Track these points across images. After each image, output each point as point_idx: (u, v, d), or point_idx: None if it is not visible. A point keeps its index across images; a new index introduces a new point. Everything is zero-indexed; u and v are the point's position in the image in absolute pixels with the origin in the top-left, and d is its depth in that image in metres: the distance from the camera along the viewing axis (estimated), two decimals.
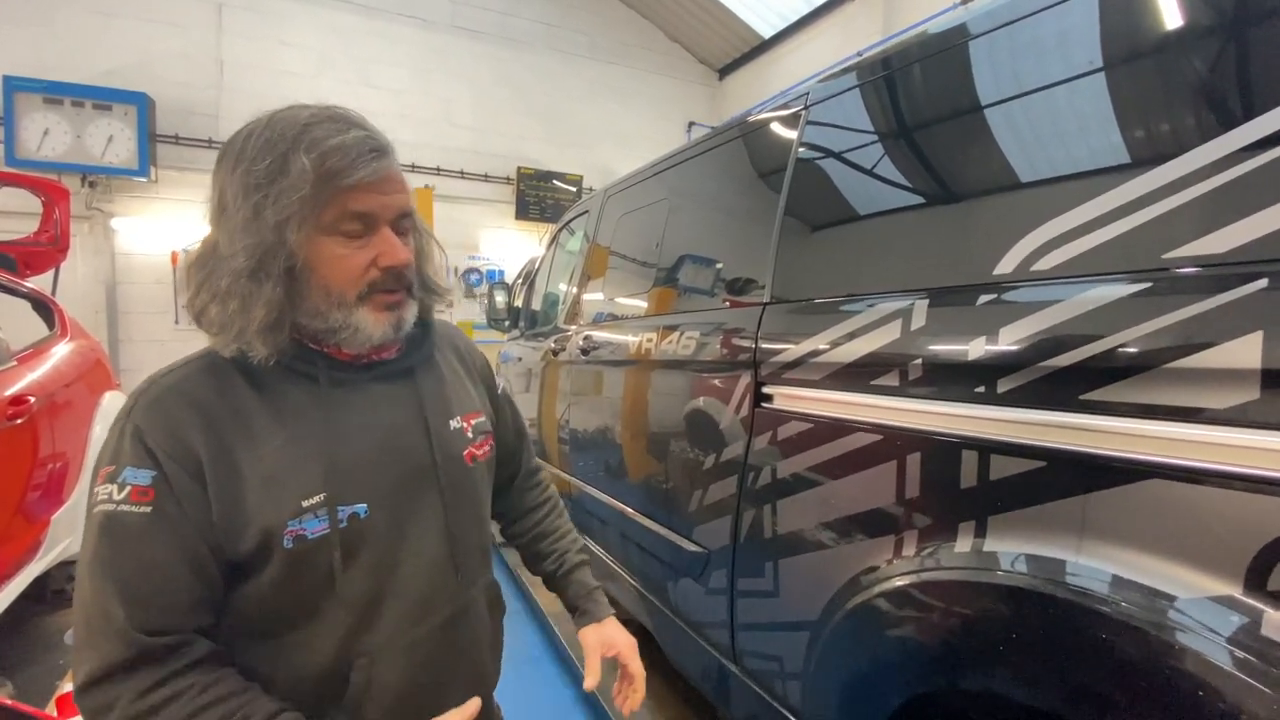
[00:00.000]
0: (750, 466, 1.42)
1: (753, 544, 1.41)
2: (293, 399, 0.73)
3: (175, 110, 4.70)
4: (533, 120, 6.01)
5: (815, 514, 1.23)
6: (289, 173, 0.65)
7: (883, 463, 1.09)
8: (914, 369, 1.04)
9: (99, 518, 0.63)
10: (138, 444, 0.65)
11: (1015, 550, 0.89)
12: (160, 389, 0.70)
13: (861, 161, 1.29)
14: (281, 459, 0.70)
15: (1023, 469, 0.88)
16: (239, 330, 0.68)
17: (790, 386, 1.31)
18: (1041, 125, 0.98)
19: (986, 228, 1.02)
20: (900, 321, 1.07)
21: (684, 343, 1.71)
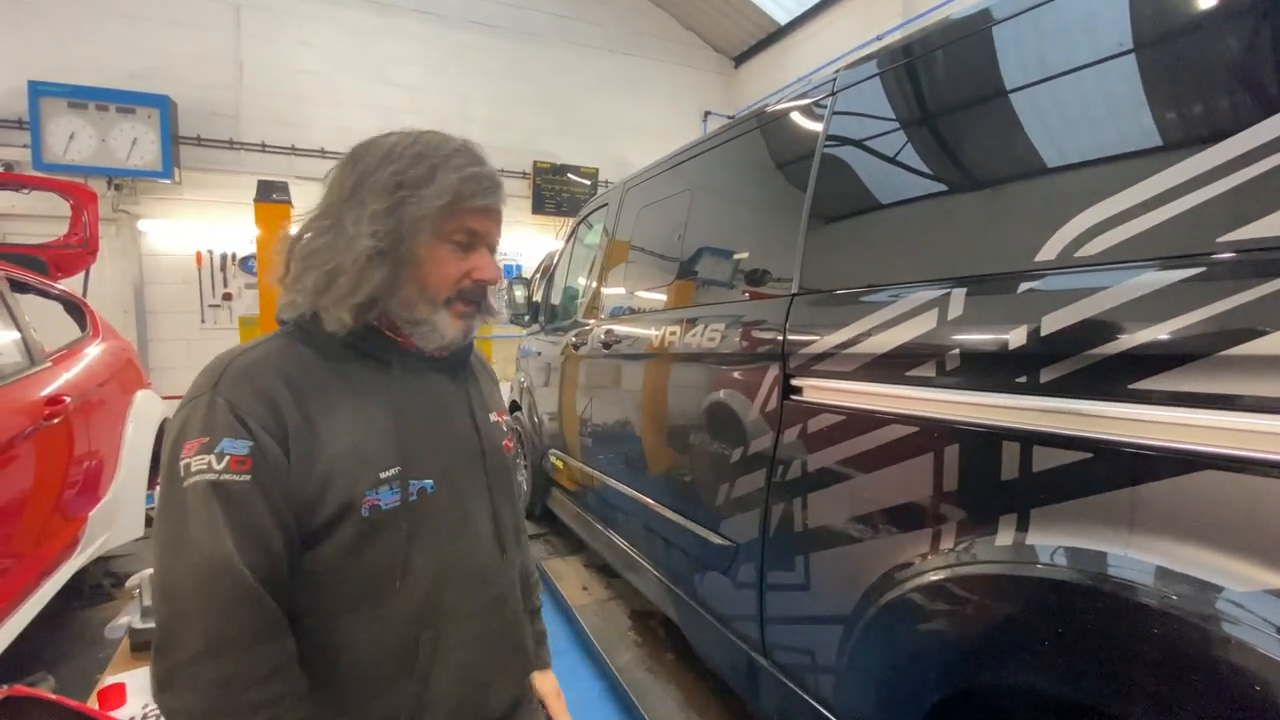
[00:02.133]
0: (779, 460, 1.40)
1: (782, 537, 1.40)
2: (367, 379, 0.79)
3: (197, 112, 4.77)
4: (548, 114, 6.00)
5: (848, 507, 1.22)
6: (435, 182, 0.76)
7: (918, 455, 1.07)
8: (951, 359, 1.02)
9: (203, 486, 0.66)
10: (230, 415, 0.69)
11: (1060, 544, 0.87)
12: (245, 363, 0.73)
13: (892, 147, 1.26)
14: (359, 433, 0.76)
15: (1068, 460, 0.86)
16: (339, 298, 0.74)
17: (820, 379, 1.29)
18: (1085, 106, 0.95)
19: (1027, 213, 0.99)
20: (936, 311, 1.05)
21: (709, 335, 1.70)
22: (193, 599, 0.64)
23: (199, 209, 4.81)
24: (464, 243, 0.81)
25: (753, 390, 1.49)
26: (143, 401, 2.92)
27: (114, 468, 2.59)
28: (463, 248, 0.81)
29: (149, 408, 2.94)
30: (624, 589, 2.66)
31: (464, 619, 0.82)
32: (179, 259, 4.80)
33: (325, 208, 0.79)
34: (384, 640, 0.76)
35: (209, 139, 4.80)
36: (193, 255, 4.82)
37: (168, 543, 0.66)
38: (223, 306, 4.91)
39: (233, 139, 4.85)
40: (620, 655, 2.19)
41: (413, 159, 0.76)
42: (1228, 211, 0.75)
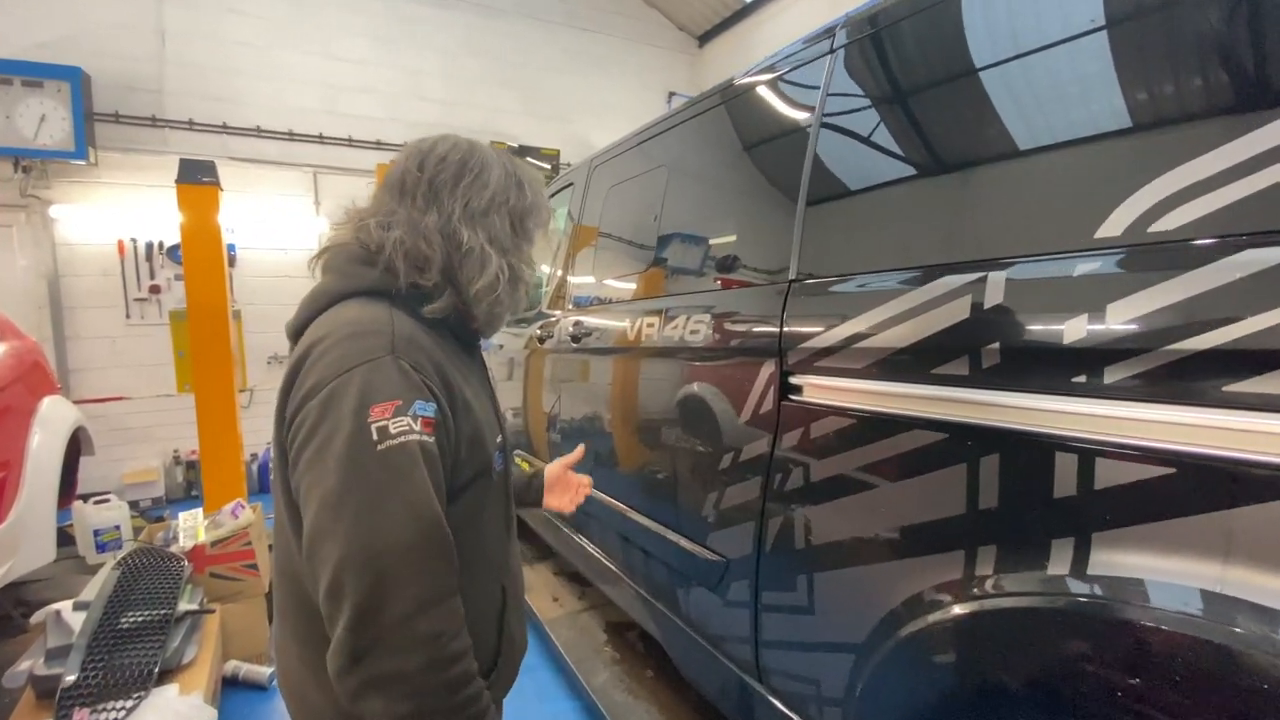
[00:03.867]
0: (776, 467, 1.24)
1: (781, 554, 1.24)
2: (463, 357, 0.88)
3: (114, 86, 4.31)
4: (507, 92, 5.69)
5: (859, 523, 1.07)
6: (539, 214, 0.92)
7: (947, 466, 0.92)
8: (989, 355, 0.87)
9: (413, 447, 0.68)
10: (417, 378, 0.72)
11: (1131, 575, 0.73)
12: (406, 331, 0.76)
13: (909, 107, 1.10)
14: (480, 402, 0.85)
15: (1141, 477, 0.72)
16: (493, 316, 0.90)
17: (824, 376, 1.13)
18: (1167, 43, 0.80)
19: (1084, 180, 0.84)
20: (970, 298, 0.90)
21: (691, 328, 1.53)
22: (405, 558, 0.65)
23: (119, 193, 4.36)
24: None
25: (744, 390, 1.32)
26: (51, 409, 2.59)
27: (16, 485, 2.28)
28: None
29: (58, 415, 2.61)
30: (598, 598, 2.49)
31: (516, 571, 0.96)
32: (98, 249, 4.35)
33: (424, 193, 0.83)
34: (485, 591, 0.84)
35: (129, 116, 4.35)
36: (114, 244, 4.37)
37: (366, 508, 0.65)
38: (150, 300, 4.48)
39: (155, 116, 4.40)
40: (596, 673, 2.02)
41: (518, 186, 0.89)
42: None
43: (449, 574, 0.69)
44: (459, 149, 0.86)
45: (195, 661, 1.84)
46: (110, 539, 2.91)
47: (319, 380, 0.70)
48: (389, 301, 0.80)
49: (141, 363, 4.51)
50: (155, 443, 4.59)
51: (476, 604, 0.78)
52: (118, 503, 2.99)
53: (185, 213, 3.02)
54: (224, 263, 3.14)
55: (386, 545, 0.64)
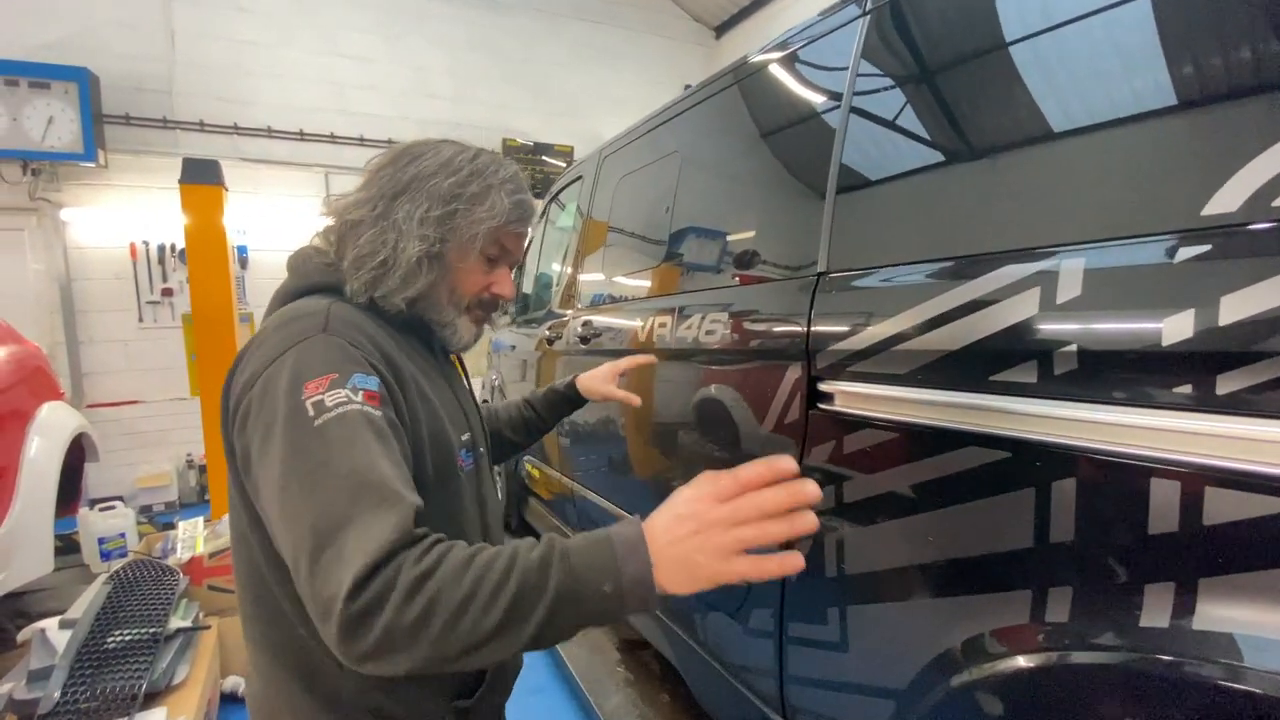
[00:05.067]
0: None
1: (809, 582, 1.11)
2: (420, 353, 0.86)
3: (123, 88, 4.28)
4: (516, 88, 5.59)
5: (903, 552, 0.93)
6: (486, 203, 0.81)
7: (1011, 490, 0.78)
8: (1063, 358, 0.72)
9: (352, 415, 0.63)
10: (352, 352, 0.69)
11: (1255, 633, 0.58)
12: (343, 314, 0.74)
13: (961, 69, 0.96)
14: (437, 396, 0.82)
15: (1268, 511, 0.57)
16: (388, 291, 0.78)
17: (859, 383, 0.99)
18: None
19: (1187, 144, 0.69)
20: (1038, 290, 0.75)
21: (707, 328, 1.39)
22: (353, 516, 0.58)
23: (130, 195, 4.34)
24: (493, 257, 0.86)
25: (766, 396, 1.19)
26: (50, 415, 2.53)
27: (11, 494, 2.22)
28: (490, 262, 0.86)
29: (59, 422, 2.55)
30: None
31: None
32: (110, 252, 4.34)
33: (372, 196, 0.81)
34: None
35: (139, 118, 4.32)
36: (126, 247, 4.35)
37: (310, 486, 0.60)
38: (163, 303, 4.46)
39: (166, 117, 4.37)
40: (609, 696, 1.90)
41: (469, 175, 0.81)
42: None
43: (408, 524, 0.58)
44: (435, 146, 0.84)
45: (186, 682, 1.75)
46: (115, 547, 2.85)
47: (253, 371, 0.68)
48: (338, 295, 0.79)
49: (155, 366, 4.49)
50: (169, 447, 4.57)
51: None
52: (123, 510, 2.94)
53: (189, 213, 2.96)
54: (229, 265, 3.08)
55: (332, 519, 0.58)
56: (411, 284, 0.78)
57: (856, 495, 1.00)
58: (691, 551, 0.56)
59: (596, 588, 0.57)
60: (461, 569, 0.56)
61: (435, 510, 0.69)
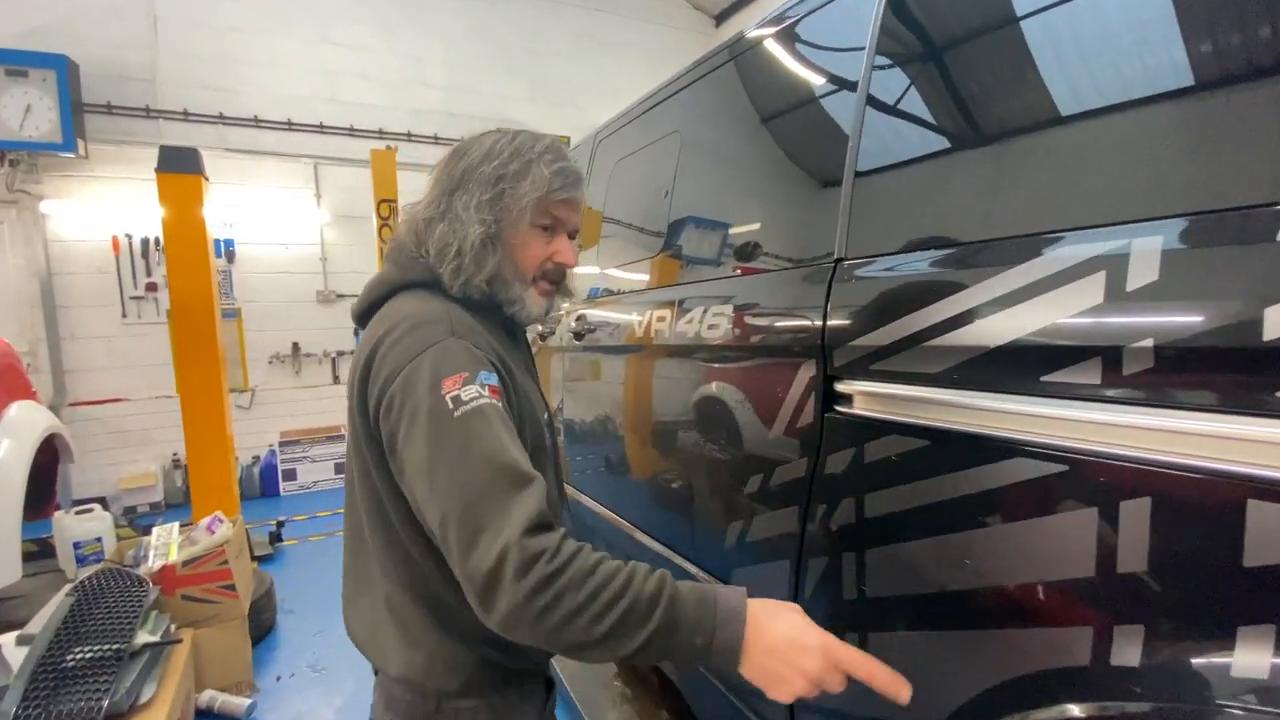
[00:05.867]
0: (818, 496, 0.99)
1: (824, 604, 0.99)
2: (509, 342, 0.93)
3: (105, 76, 4.15)
4: (513, 78, 5.45)
5: (935, 577, 0.82)
6: (530, 176, 0.87)
7: (1064, 510, 0.67)
8: (1135, 357, 0.61)
9: (483, 408, 0.73)
10: (473, 354, 0.78)
11: None
12: (459, 315, 0.83)
13: (1002, 19, 0.83)
14: (524, 382, 0.89)
15: None
16: (468, 277, 0.86)
17: (883, 382, 0.88)
18: None
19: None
20: (1104, 276, 0.64)
21: (709, 322, 1.28)
22: (493, 501, 0.68)
23: (112, 187, 4.21)
24: (549, 226, 0.91)
25: (775, 397, 1.07)
26: (19, 414, 2.42)
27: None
28: (547, 231, 0.91)
29: (28, 421, 2.44)
30: None
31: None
32: (92, 245, 4.21)
33: (436, 195, 0.90)
34: None
35: (121, 106, 4.19)
36: (108, 240, 4.22)
37: (455, 468, 0.70)
38: (147, 298, 4.33)
39: (149, 106, 4.23)
40: (605, 714, 1.79)
41: (510, 155, 0.87)
42: None
43: (541, 503, 0.70)
44: (479, 139, 0.91)
45: (154, 701, 1.64)
46: (92, 552, 2.74)
47: (394, 368, 0.77)
48: (441, 293, 0.87)
49: (139, 363, 4.37)
50: (154, 446, 4.45)
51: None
52: (100, 513, 2.82)
53: (167, 205, 2.84)
54: (210, 258, 2.95)
55: (477, 496, 0.68)
56: (483, 266, 0.86)
57: (879, 510, 0.89)
58: (781, 667, 0.67)
59: (690, 637, 0.67)
60: (584, 577, 0.65)
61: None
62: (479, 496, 0.68)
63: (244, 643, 2.16)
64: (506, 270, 0.89)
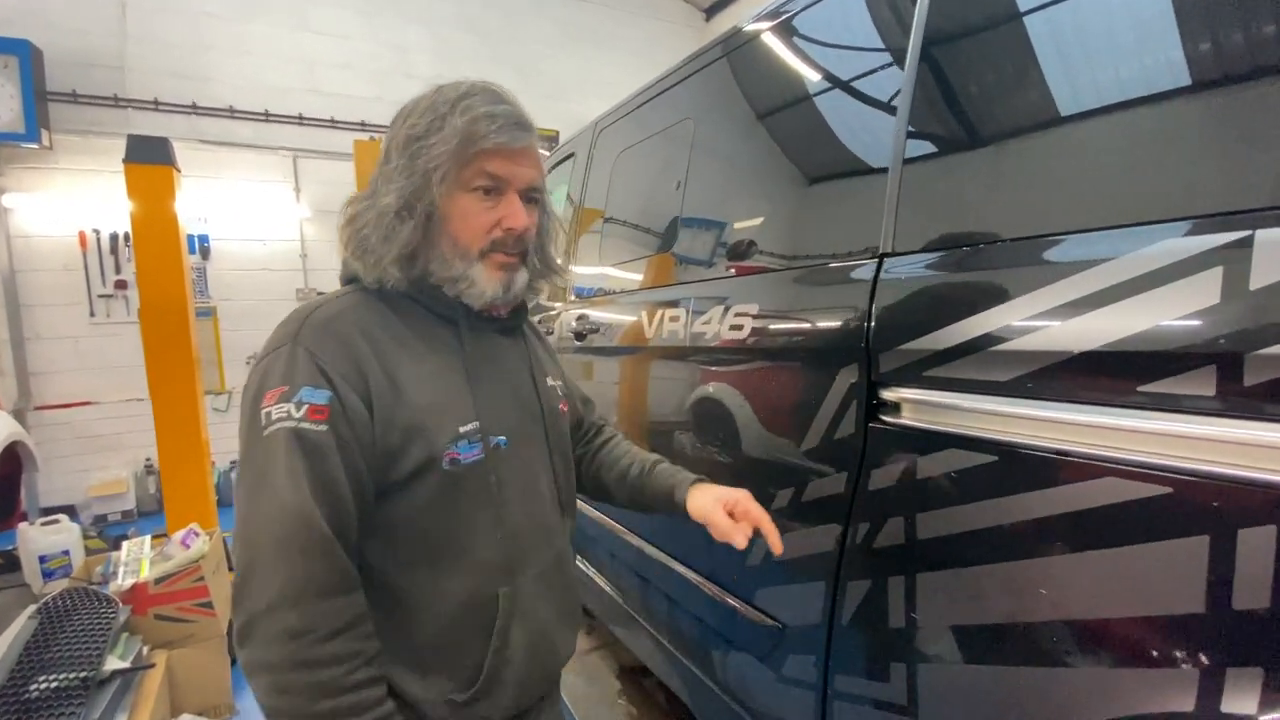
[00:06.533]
0: (859, 514, 0.91)
1: (866, 630, 0.91)
2: (438, 335, 0.80)
3: (70, 63, 3.94)
4: (500, 69, 5.30)
5: (996, 605, 0.74)
6: (444, 129, 0.73)
7: (1168, 536, 0.59)
8: (1257, 365, 0.53)
9: (284, 434, 0.66)
10: (311, 365, 0.69)
11: None
12: (325, 315, 0.74)
13: None
14: (438, 387, 0.77)
15: None
16: (378, 258, 0.75)
17: (940, 390, 0.79)
18: None
19: None
20: (1221, 272, 0.56)
21: (731, 323, 1.19)
22: (270, 548, 0.64)
23: (79, 180, 4.00)
24: (488, 188, 0.77)
25: (811, 406, 0.99)
26: None
27: None
28: (488, 194, 0.77)
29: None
30: (609, 635, 2.17)
31: (535, 576, 0.83)
32: (58, 241, 3.99)
33: (372, 177, 0.79)
34: (465, 595, 0.76)
35: (87, 95, 3.98)
36: (74, 236, 4.01)
37: (249, 492, 0.67)
38: (117, 297, 4.13)
39: (117, 95, 4.03)
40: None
41: (424, 111, 0.75)
42: None
43: (323, 571, 0.65)
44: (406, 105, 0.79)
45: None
46: (58, 565, 2.58)
47: (252, 368, 0.74)
48: (362, 286, 0.79)
49: (109, 364, 4.17)
50: (125, 451, 4.26)
51: (450, 608, 0.76)
52: (67, 524, 2.66)
53: (135, 197, 2.68)
54: (182, 254, 2.79)
55: (255, 532, 0.66)
56: (394, 242, 0.74)
57: (934, 531, 0.80)
58: None
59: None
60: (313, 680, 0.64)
61: (422, 506, 0.73)
62: (258, 537, 0.65)
63: (223, 663, 2.03)
64: (443, 246, 0.77)
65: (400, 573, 0.74)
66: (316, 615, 0.64)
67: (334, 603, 0.65)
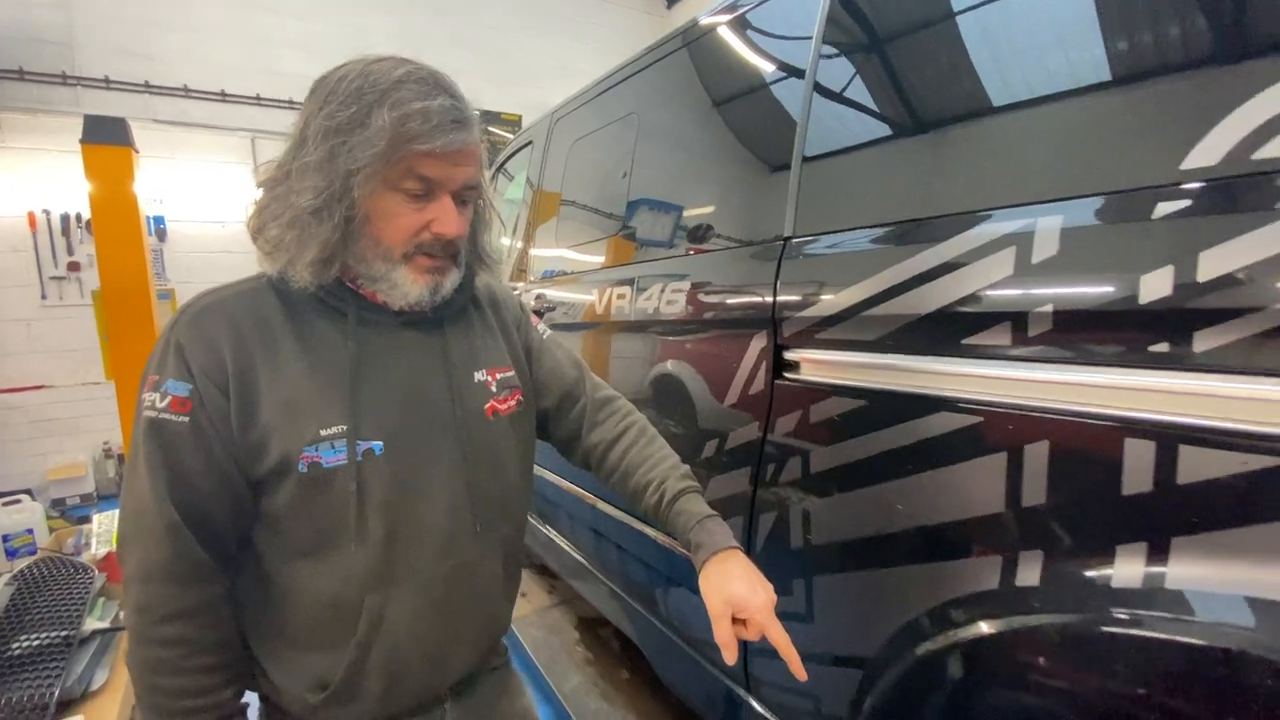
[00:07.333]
0: (768, 456, 1.08)
1: (774, 555, 1.09)
2: (321, 331, 0.74)
3: (15, 37, 3.83)
4: (464, 52, 5.32)
5: (870, 522, 0.91)
6: (368, 126, 0.66)
7: (981, 455, 0.77)
8: (1038, 320, 0.71)
9: (145, 422, 0.68)
10: (179, 357, 0.69)
11: (1225, 590, 0.58)
12: (202, 305, 0.72)
13: (934, 24, 0.92)
14: (304, 386, 0.72)
15: (1242, 469, 0.57)
16: (291, 258, 0.70)
17: (827, 350, 0.97)
18: None
19: (1165, 96, 0.67)
20: (1014, 250, 0.73)
21: (668, 298, 1.34)
22: (131, 525, 0.69)
23: (26, 159, 3.91)
24: (416, 191, 0.70)
25: (730, 367, 1.15)
26: None
27: None
28: (417, 196, 0.71)
29: None
30: (570, 592, 2.33)
31: (418, 587, 0.77)
32: (6, 222, 3.90)
33: (283, 155, 0.72)
34: (330, 596, 0.74)
35: (35, 73, 3.88)
36: (23, 217, 3.94)
37: (125, 472, 0.71)
38: (70, 279, 4.07)
39: (66, 73, 3.94)
40: (568, 677, 1.87)
41: (348, 98, 0.67)
42: None
43: (169, 558, 0.67)
44: (327, 76, 0.72)
45: (106, 687, 1.60)
46: (23, 544, 2.62)
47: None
48: (266, 277, 0.75)
49: (63, 348, 4.12)
50: (83, 435, 4.22)
51: (315, 607, 0.74)
52: (30, 503, 2.69)
53: (94, 179, 2.69)
54: (143, 236, 2.82)
55: (124, 509, 0.70)
56: (311, 246, 0.68)
57: (823, 465, 0.98)
58: None
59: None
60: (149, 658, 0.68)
61: (284, 505, 0.71)
62: (124, 515, 0.69)
63: None
64: (364, 246, 0.71)
65: (279, 563, 0.74)
66: (156, 596, 0.67)
67: (175, 588, 0.67)
